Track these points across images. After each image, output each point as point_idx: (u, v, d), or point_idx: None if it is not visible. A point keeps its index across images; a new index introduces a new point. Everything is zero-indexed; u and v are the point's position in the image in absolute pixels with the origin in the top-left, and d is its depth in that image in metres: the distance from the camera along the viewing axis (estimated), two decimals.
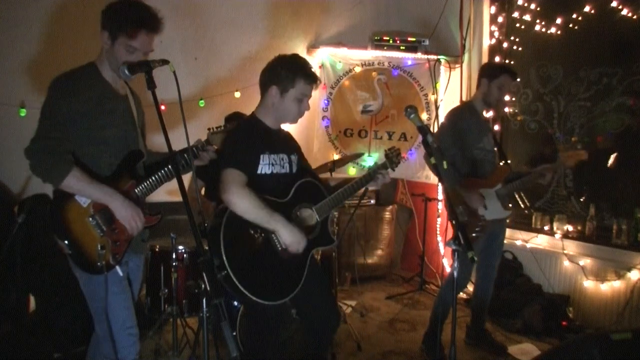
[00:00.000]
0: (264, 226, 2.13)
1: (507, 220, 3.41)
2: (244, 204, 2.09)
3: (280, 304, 2.20)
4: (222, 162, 2.17)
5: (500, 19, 4.52)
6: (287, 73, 2.21)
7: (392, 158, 2.56)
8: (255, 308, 2.22)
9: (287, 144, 2.41)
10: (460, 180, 3.07)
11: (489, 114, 4.50)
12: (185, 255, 3.14)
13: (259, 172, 2.22)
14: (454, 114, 3.28)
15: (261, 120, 2.31)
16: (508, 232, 4.26)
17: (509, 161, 3.39)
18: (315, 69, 4.97)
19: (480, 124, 3.26)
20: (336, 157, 4.73)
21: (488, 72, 3.22)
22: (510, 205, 3.29)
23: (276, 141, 2.32)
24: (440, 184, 3.25)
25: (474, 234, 3.05)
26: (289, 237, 2.14)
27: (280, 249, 2.17)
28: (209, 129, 2.26)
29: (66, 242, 1.92)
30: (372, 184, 2.49)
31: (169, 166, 2.07)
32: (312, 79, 2.23)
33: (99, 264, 1.94)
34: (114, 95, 2.07)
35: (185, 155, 2.15)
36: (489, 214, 3.08)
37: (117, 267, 2.01)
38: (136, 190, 2.08)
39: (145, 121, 2.31)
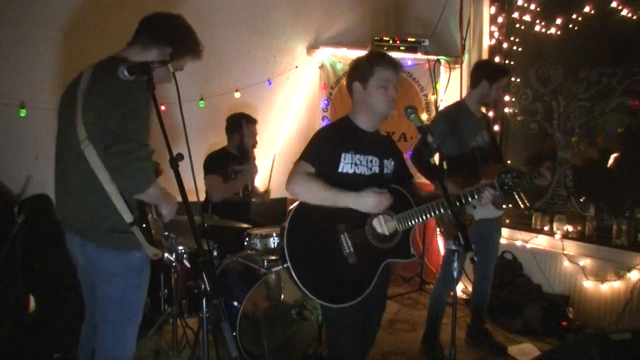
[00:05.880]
0: (335, 204, 2.07)
1: (507, 220, 3.38)
2: (304, 188, 2.07)
3: (344, 307, 2.12)
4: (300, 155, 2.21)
5: (500, 20, 4.51)
6: (364, 64, 2.26)
7: (505, 179, 2.34)
8: (329, 310, 2.17)
9: (382, 148, 2.36)
10: (451, 179, 3.03)
11: (489, 114, 4.52)
12: (185, 255, 3.14)
13: (340, 170, 2.20)
14: (444, 112, 3.26)
15: (352, 120, 2.32)
16: (508, 232, 4.29)
17: (507, 162, 3.36)
18: (315, 69, 5.02)
19: (472, 122, 3.19)
20: None
21: (490, 74, 3.14)
22: (504, 205, 3.23)
23: (366, 142, 2.28)
24: (433, 184, 3.19)
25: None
26: (368, 202, 2.07)
27: (347, 251, 2.12)
28: None
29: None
30: (474, 202, 2.32)
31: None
32: (389, 63, 2.24)
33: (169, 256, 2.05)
34: None
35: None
36: (477, 212, 2.97)
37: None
38: None
39: None
